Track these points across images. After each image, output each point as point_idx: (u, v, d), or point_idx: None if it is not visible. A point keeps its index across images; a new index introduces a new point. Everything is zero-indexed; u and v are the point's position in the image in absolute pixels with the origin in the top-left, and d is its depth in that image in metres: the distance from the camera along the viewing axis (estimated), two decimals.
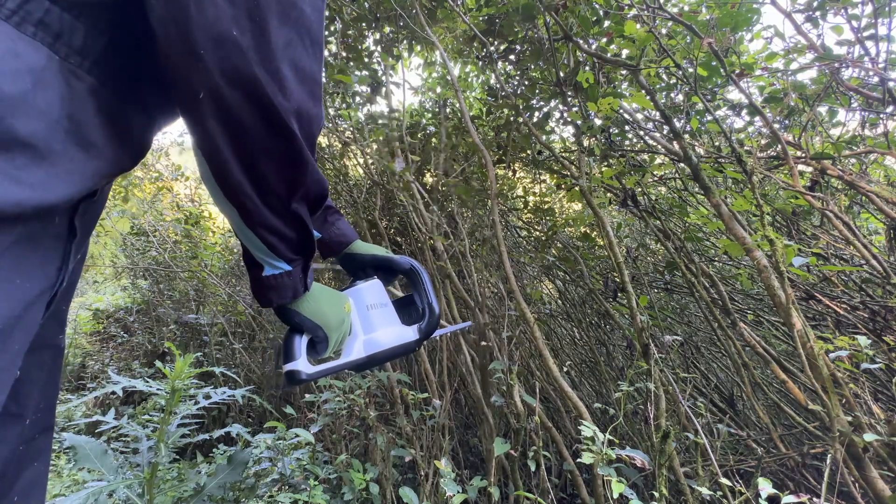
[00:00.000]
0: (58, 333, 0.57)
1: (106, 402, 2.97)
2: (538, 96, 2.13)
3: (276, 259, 0.54)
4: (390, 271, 0.84)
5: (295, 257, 0.55)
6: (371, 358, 0.70)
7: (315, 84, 0.49)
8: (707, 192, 1.52)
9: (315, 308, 0.62)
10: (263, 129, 0.44)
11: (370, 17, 2.24)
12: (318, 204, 0.55)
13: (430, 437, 1.73)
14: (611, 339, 2.40)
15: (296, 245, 0.54)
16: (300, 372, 0.62)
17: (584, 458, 1.09)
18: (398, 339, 0.73)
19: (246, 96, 0.42)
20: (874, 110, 1.67)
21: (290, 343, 0.64)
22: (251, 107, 0.43)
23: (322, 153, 2.97)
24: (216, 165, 0.47)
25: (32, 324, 0.42)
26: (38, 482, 0.54)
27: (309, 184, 0.51)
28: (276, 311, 0.61)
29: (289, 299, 0.58)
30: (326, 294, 0.66)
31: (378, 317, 0.73)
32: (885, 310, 1.54)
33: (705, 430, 1.49)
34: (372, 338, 0.71)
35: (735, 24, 1.63)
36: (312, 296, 0.62)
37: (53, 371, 0.57)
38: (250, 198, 0.48)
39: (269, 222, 0.51)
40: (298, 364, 0.62)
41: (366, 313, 0.72)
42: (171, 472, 1.84)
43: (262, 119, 0.44)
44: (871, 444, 1.07)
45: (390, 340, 0.72)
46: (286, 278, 0.56)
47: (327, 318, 0.64)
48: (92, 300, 4.56)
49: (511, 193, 2.94)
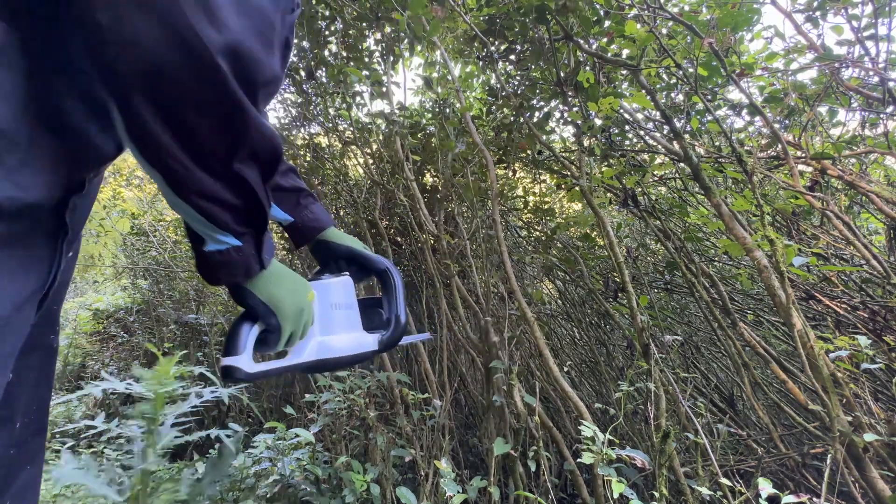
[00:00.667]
0: (49, 334, 0.55)
1: (106, 402, 2.97)
2: (538, 96, 2.13)
3: (219, 232, 0.45)
4: (363, 269, 0.76)
5: (243, 229, 0.47)
6: (322, 363, 0.62)
7: (263, 20, 0.40)
8: (707, 192, 1.52)
9: (272, 291, 0.54)
10: (184, 67, 0.35)
11: (371, 16, 2.24)
12: (272, 166, 0.46)
13: (430, 437, 1.73)
14: (611, 339, 2.40)
15: (242, 214, 0.45)
16: (238, 369, 0.53)
17: (584, 458, 1.09)
18: (356, 348, 0.65)
19: (160, 21, 0.33)
20: (874, 110, 1.67)
21: (235, 332, 0.55)
22: (166, 36, 0.33)
23: (322, 153, 2.97)
24: (129, 117, 0.37)
25: (24, 325, 0.40)
26: (31, 485, 0.52)
27: (254, 140, 0.42)
28: (230, 290, 0.54)
29: (240, 278, 0.51)
30: (288, 277, 0.57)
31: (341, 319, 0.65)
32: (885, 310, 1.54)
33: (705, 430, 1.49)
34: (328, 341, 0.63)
35: (735, 24, 1.63)
36: (271, 276, 0.54)
37: (46, 372, 0.55)
38: (177, 158, 0.39)
39: (205, 187, 0.42)
40: (240, 360, 0.54)
41: (328, 312, 0.64)
42: (171, 472, 1.84)
43: (181, 54, 0.34)
44: (871, 444, 1.07)
45: (347, 347, 0.65)
46: (234, 254, 0.48)
47: (284, 304, 0.55)
48: (92, 300, 4.55)
49: (511, 193, 2.94)
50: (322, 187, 2.95)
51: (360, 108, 2.65)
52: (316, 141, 3.01)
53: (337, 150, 2.94)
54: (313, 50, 2.52)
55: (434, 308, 2.38)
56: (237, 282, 0.52)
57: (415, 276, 2.68)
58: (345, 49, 2.42)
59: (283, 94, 3.00)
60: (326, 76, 2.56)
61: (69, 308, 4.65)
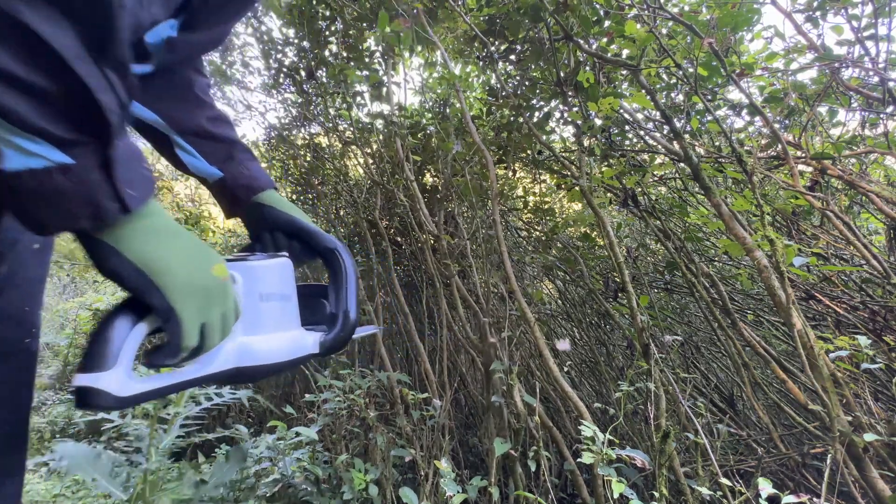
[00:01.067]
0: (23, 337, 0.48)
1: None
2: (538, 96, 2.13)
3: (19, 134, 0.28)
4: (307, 249, 0.59)
5: (68, 134, 0.29)
6: (240, 372, 0.45)
7: None
8: (707, 192, 1.52)
9: (150, 252, 0.35)
10: None
11: (371, 16, 2.24)
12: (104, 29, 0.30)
13: (430, 437, 1.73)
14: (611, 339, 2.40)
15: (57, 105, 0.28)
16: (101, 394, 0.34)
17: (584, 458, 1.09)
18: (289, 353, 0.49)
19: None
20: (874, 110, 1.67)
21: (102, 333, 0.36)
22: None
23: (322, 153, 2.97)
24: None
25: None
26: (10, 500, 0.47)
27: None
28: (85, 249, 0.35)
29: (85, 222, 0.32)
30: (182, 236, 0.39)
31: (273, 313, 0.48)
32: (885, 310, 1.54)
33: (705, 430, 1.49)
34: (251, 343, 0.45)
35: (735, 24, 1.63)
36: (149, 228, 0.36)
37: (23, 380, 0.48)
38: None
39: None
40: (105, 378, 0.34)
41: (255, 305, 0.46)
42: (172, 472, 1.84)
43: None
44: (871, 444, 1.07)
45: (277, 353, 0.47)
46: (61, 178, 0.30)
47: (172, 274, 0.36)
48: (92, 300, 4.55)
49: (511, 194, 2.94)
50: (322, 187, 2.95)
51: (361, 108, 2.65)
52: (316, 141, 3.01)
53: (337, 150, 2.94)
54: (314, 50, 2.52)
55: (434, 308, 2.38)
56: (81, 228, 0.33)
57: (415, 276, 2.68)
58: (345, 49, 2.42)
59: (284, 94, 3.00)
60: (327, 76, 2.56)
61: (69, 308, 4.65)
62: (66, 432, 2.63)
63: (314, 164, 2.93)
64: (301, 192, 3.24)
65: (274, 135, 3.24)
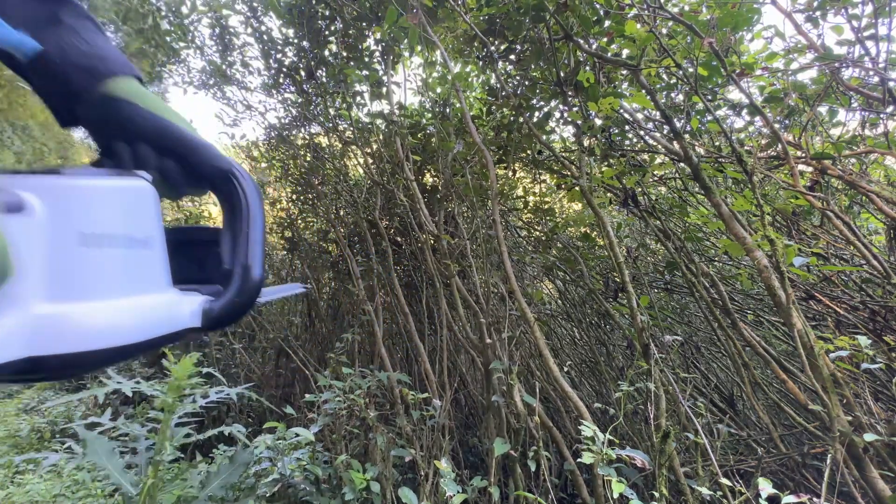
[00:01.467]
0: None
1: (105, 403, 2.97)
2: (538, 96, 2.13)
3: None
4: (188, 172, 0.36)
5: None
6: (38, 363, 0.24)
7: None
8: (707, 192, 1.52)
9: None
10: None
11: (371, 16, 2.24)
12: None
13: (430, 437, 1.73)
14: (611, 339, 2.40)
15: None
16: None
17: (584, 458, 1.09)
18: (141, 329, 0.29)
19: None
20: (874, 110, 1.67)
21: None
22: None
23: (322, 153, 2.97)
24: None
25: None
26: None
27: None
28: None
29: None
30: None
31: (106, 268, 0.28)
32: (885, 310, 1.54)
33: (705, 430, 1.49)
34: (61, 316, 0.25)
35: (735, 24, 1.62)
36: None
37: None
38: None
39: None
40: None
41: (71, 252, 0.26)
42: (171, 471, 1.84)
43: None
44: (871, 444, 1.07)
45: (115, 331, 0.28)
46: None
47: None
48: None
49: (511, 194, 2.94)
50: (322, 187, 2.95)
51: (361, 108, 2.65)
52: (316, 141, 3.01)
53: (337, 149, 2.94)
54: (313, 50, 2.52)
55: (434, 308, 2.39)
56: None
57: (415, 276, 2.68)
58: (345, 49, 2.42)
59: (284, 94, 3.00)
60: (326, 76, 2.56)
61: None
62: (66, 432, 2.63)
63: (314, 164, 2.93)
64: (301, 192, 3.24)
65: (274, 135, 3.24)
